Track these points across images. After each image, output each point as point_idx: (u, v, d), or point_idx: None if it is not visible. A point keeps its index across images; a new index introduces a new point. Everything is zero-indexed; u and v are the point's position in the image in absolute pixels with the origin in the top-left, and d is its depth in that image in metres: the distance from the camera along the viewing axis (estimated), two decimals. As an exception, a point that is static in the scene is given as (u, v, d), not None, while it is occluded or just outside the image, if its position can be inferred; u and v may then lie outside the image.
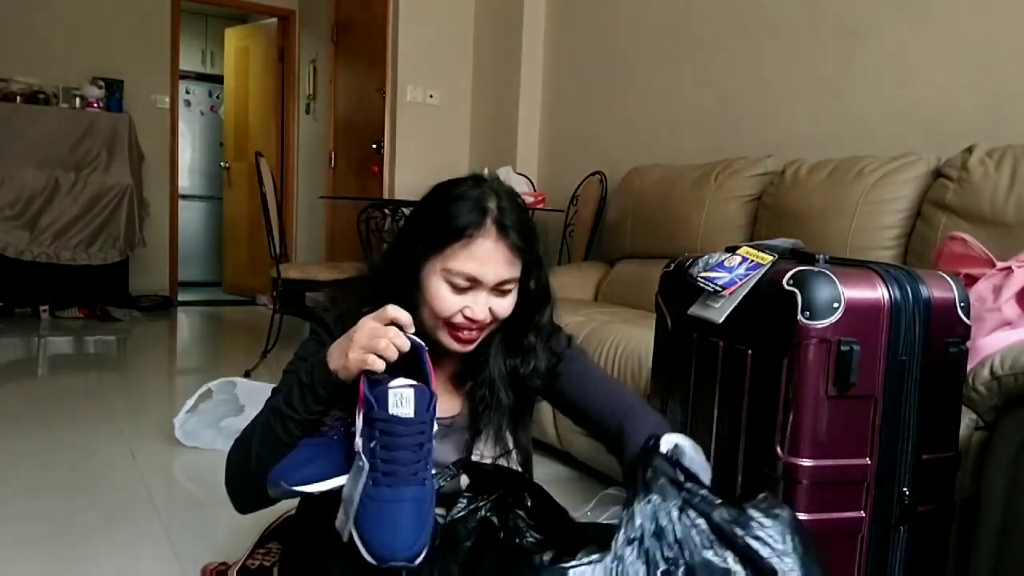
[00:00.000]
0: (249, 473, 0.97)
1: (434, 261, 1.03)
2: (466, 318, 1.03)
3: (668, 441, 0.93)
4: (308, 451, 0.92)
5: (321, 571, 1.00)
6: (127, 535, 1.72)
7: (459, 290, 1.03)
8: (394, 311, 0.91)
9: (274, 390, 1.09)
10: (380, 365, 0.87)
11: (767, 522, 0.83)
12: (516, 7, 3.95)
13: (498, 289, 1.05)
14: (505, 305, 1.06)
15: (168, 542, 1.68)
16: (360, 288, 1.12)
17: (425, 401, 0.85)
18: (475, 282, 1.02)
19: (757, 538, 0.81)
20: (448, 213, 1.03)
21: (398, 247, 1.09)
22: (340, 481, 0.88)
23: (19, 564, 1.56)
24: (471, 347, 1.07)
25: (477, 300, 1.03)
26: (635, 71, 3.43)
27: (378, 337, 0.88)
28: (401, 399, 0.84)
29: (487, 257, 1.02)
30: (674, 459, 0.89)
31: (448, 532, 0.88)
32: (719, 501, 0.84)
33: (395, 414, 0.83)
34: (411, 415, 0.83)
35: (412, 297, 1.04)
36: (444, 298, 1.02)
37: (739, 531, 0.81)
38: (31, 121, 4.78)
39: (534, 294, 1.11)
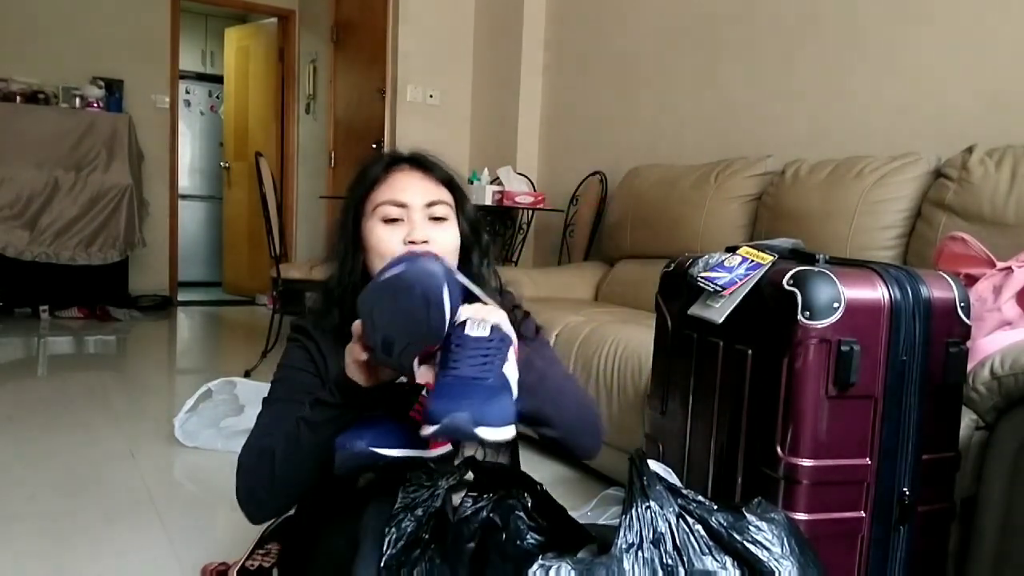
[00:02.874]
0: (273, 485, 0.99)
1: (366, 215, 1.09)
2: (409, 244, 1.06)
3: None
4: (372, 422, 0.93)
5: (320, 571, 1.00)
6: (127, 535, 1.71)
7: (394, 221, 1.07)
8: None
9: (265, 400, 1.09)
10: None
11: (763, 526, 0.83)
12: (516, 7, 3.95)
13: (432, 216, 1.09)
14: (446, 236, 1.09)
15: (168, 542, 1.68)
16: (326, 289, 1.15)
17: None
18: (404, 207, 1.07)
19: (755, 542, 0.81)
20: (363, 173, 1.13)
21: (338, 231, 1.15)
22: (408, 453, 0.89)
23: (19, 564, 1.56)
24: None
25: (413, 224, 1.07)
26: (635, 71, 3.43)
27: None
28: None
29: (406, 182, 1.09)
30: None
31: (453, 533, 0.88)
32: (716, 506, 0.84)
33: None
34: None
35: (361, 265, 1.10)
36: (385, 237, 1.07)
37: (737, 536, 0.81)
38: (31, 121, 4.78)
39: (470, 229, 1.15)
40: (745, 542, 0.81)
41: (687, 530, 0.81)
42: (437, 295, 0.82)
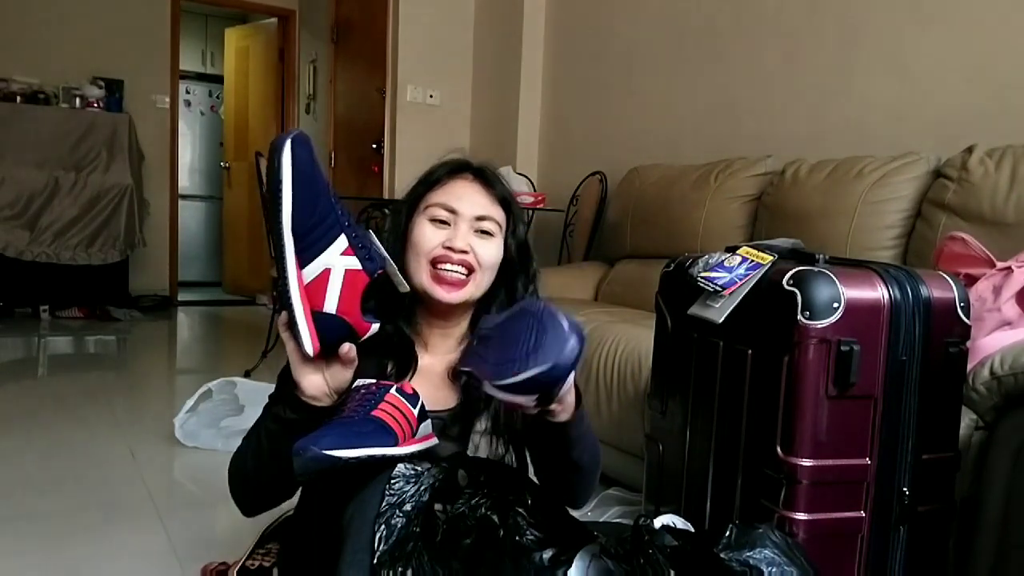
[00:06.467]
0: (250, 485, 1.04)
1: (418, 211, 1.11)
2: (447, 249, 1.07)
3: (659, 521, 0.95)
4: (332, 425, 0.92)
5: (321, 571, 1.00)
6: (127, 535, 1.72)
7: (440, 224, 1.09)
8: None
9: (271, 396, 1.09)
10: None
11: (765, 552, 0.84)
12: (516, 7, 3.95)
13: (480, 230, 1.10)
14: (488, 250, 1.10)
15: (168, 542, 1.68)
16: None
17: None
18: (454, 213, 1.09)
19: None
20: (428, 174, 1.15)
21: (390, 225, 1.17)
22: (369, 452, 0.88)
23: (19, 564, 1.56)
24: (457, 293, 1.08)
25: (457, 231, 1.08)
26: (635, 71, 3.43)
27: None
28: None
29: (464, 191, 1.11)
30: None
31: (449, 529, 0.88)
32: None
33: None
34: None
35: (401, 258, 1.10)
36: (426, 235, 1.09)
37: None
38: (31, 121, 4.78)
39: (517, 251, 1.15)
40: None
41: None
42: (279, 143, 0.88)
